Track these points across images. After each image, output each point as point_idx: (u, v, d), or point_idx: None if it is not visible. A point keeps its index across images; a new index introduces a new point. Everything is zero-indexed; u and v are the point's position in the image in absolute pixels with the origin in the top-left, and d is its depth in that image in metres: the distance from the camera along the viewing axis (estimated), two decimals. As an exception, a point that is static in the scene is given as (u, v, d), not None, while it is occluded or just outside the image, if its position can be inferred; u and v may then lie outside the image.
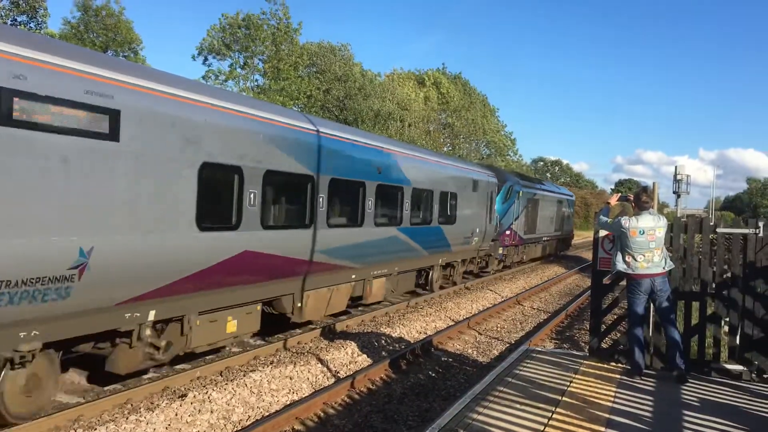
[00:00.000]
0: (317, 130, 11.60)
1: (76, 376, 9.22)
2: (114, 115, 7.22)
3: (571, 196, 44.47)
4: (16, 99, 6.17)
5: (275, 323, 12.18)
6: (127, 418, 7.43)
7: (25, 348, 6.75)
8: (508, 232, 26.26)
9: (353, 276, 13.48)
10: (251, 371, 9.64)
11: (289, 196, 11.22)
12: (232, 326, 9.91)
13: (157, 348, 8.64)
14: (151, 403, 8.05)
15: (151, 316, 8.30)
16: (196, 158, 8.51)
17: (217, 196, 9.12)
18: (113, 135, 7.23)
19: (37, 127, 6.41)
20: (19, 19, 31.23)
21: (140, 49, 40.19)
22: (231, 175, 9.31)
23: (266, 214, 10.19)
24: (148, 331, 8.38)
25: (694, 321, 8.53)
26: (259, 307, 10.65)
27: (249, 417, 8.19)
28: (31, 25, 31.76)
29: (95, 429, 7.09)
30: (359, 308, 15.23)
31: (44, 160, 6.49)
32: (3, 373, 6.82)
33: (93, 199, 7.02)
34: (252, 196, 9.68)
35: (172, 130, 8.10)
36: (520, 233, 28.18)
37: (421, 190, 16.35)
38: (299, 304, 11.65)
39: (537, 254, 32.80)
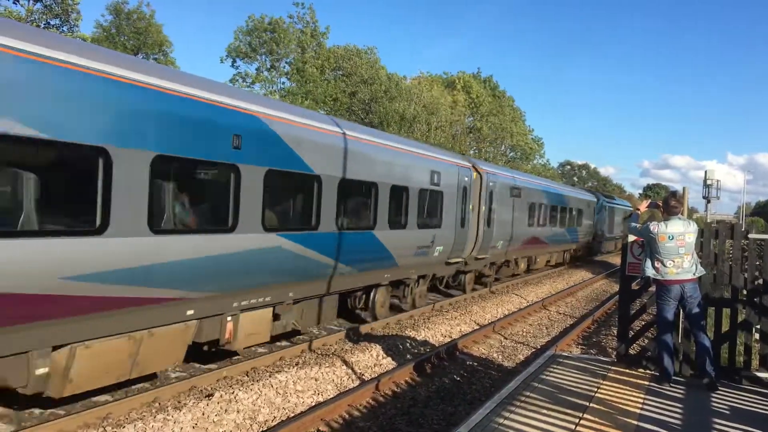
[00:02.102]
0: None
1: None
2: None
3: (629, 205, 53.81)
4: None
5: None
6: (155, 417, 7.52)
7: None
8: (600, 233, 38.52)
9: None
10: (277, 372, 9.69)
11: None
12: None
13: None
14: (179, 402, 8.14)
15: None
16: None
17: None
18: None
19: None
20: (52, 23, 31.80)
21: (170, 51, 40.73)
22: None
23: None
24: None
25: (725, 328, 8.41)
26: None
27: (275, 417, 8.24)
28: (64, 28, 32.33)
29: (124, 427, 7.18)
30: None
31: None
32: None
33: None
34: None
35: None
36: (607, 233, 40.51)
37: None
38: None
39: (611, 248, 43.78)
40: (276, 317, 10.53)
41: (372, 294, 13.81)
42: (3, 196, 6.26)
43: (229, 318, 9.33)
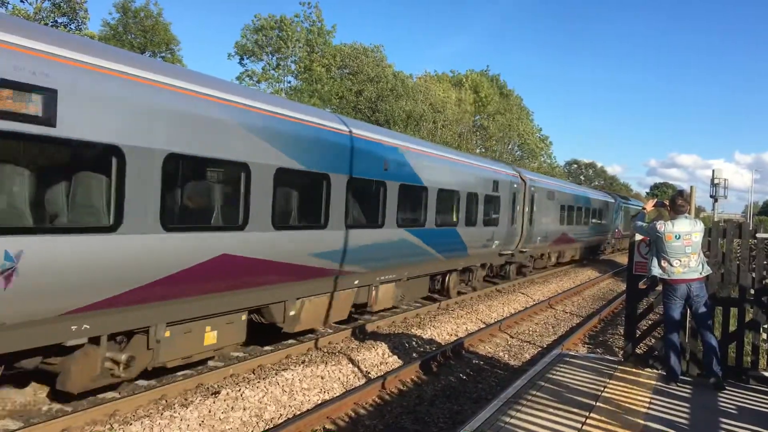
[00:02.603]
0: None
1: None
2: None
3: (641, 205, 55.65)
4: None
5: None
6: (161, 414, 7.54)
7: None
8: (617, 230, 43.36)
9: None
10: (283, 370, 9.71)
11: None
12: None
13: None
14: (185, 400, 8.16)
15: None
16: None
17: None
18: None
19: None
20: (59, 21, 31.92)
21: (177, 49, 40.82)
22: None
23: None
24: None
25: (732, 327, 8.38)
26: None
27: (281, 415, 8.25)
28: (72, 26, 32.45)
29: (131, 424, 7.21)
30: (389, 311, 15.20)
31: None
32: None
33: None
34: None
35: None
36: (622, 231, 45.15)
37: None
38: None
39: (626, 244, 46.52)
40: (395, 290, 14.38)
41: (447, 277, 17.48)
42: (293, 205, 10.30)
43: (373, 288, 13.20)
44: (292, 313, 10.62)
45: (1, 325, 6.16)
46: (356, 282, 12.43)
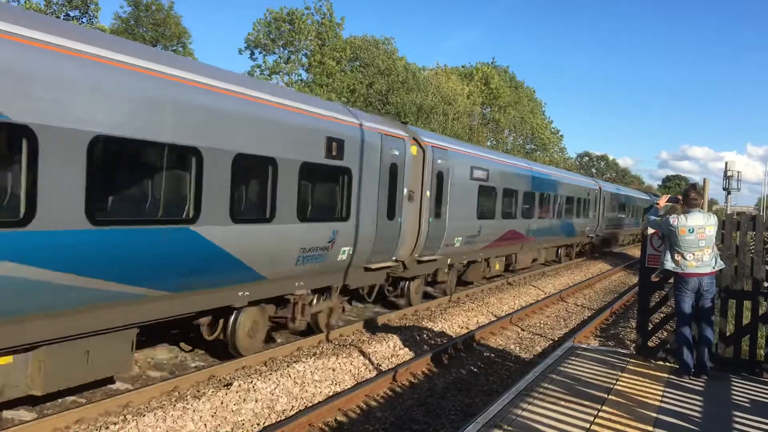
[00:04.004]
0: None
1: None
2: None
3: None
4: None
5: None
6: (174, 406, 7.59)
7: None
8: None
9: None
10: (294, 362, 9.74)
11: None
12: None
13: None
14: (198, 391, 8.21)
15: None
16: None
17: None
18: None
19: None
20: (71, 14, 32.04)
21: (189, 42, 40.88)
22: None
23: None
24: None
25: (746, 320, 8.32)
26: None
27: (293, 407, 8.29)
28: (83, 20, 32.56)
29: (144, 415, 7.26)
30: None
31: None
32: None
33: None
34: None
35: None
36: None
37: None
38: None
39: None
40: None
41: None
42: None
43: (539, 250, 21.03)
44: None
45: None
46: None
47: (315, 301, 11.34)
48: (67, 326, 6.80)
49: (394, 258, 13.55)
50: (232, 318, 9.43)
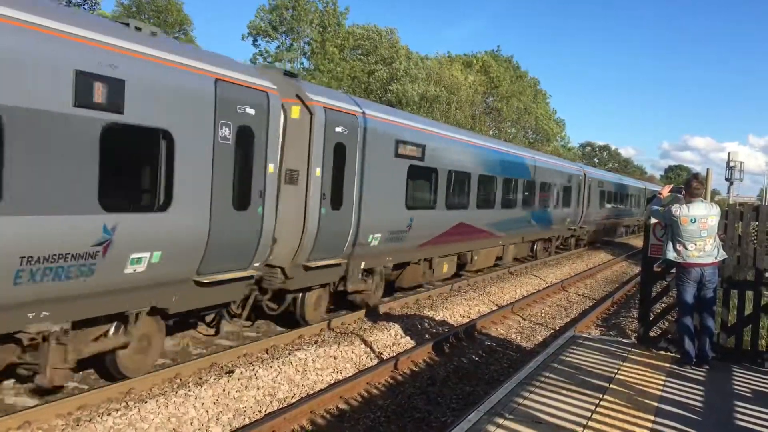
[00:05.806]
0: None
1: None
2: None
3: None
4: None
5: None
6: (176, 392, 7.61)
7: None
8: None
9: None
10: (296, 350, 9.76)
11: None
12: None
13: None
14: (200, 378, 8.23)
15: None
16: None
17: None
18: None
19: None
20: (73, 1, 31.90)
21: (190, 29, 40.77)
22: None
23: None
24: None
25: (748, 311, 8.31)
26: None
27: (294, 394, 8.31)
28: (86, 6, 32.44)
29: (146, 402, 7.28)
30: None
31: None
32: None
33: None
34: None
35: None
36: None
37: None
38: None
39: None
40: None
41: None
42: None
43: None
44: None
45: None
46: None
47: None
48: None
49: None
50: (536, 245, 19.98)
